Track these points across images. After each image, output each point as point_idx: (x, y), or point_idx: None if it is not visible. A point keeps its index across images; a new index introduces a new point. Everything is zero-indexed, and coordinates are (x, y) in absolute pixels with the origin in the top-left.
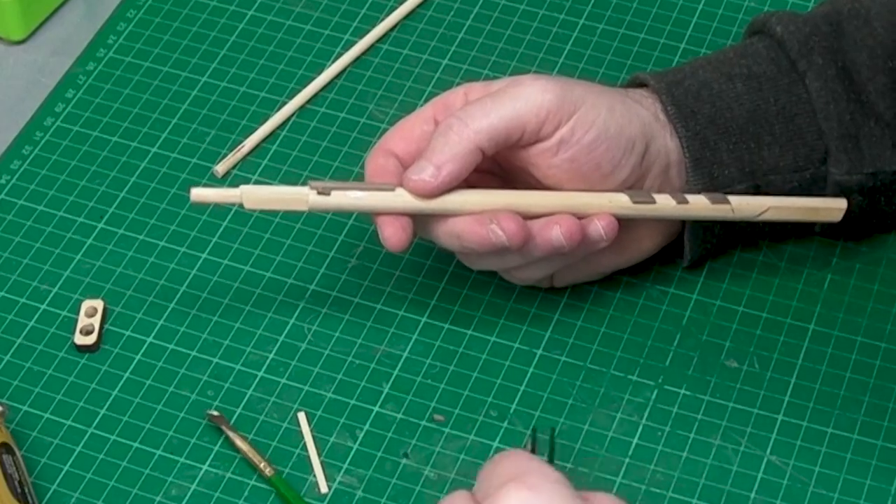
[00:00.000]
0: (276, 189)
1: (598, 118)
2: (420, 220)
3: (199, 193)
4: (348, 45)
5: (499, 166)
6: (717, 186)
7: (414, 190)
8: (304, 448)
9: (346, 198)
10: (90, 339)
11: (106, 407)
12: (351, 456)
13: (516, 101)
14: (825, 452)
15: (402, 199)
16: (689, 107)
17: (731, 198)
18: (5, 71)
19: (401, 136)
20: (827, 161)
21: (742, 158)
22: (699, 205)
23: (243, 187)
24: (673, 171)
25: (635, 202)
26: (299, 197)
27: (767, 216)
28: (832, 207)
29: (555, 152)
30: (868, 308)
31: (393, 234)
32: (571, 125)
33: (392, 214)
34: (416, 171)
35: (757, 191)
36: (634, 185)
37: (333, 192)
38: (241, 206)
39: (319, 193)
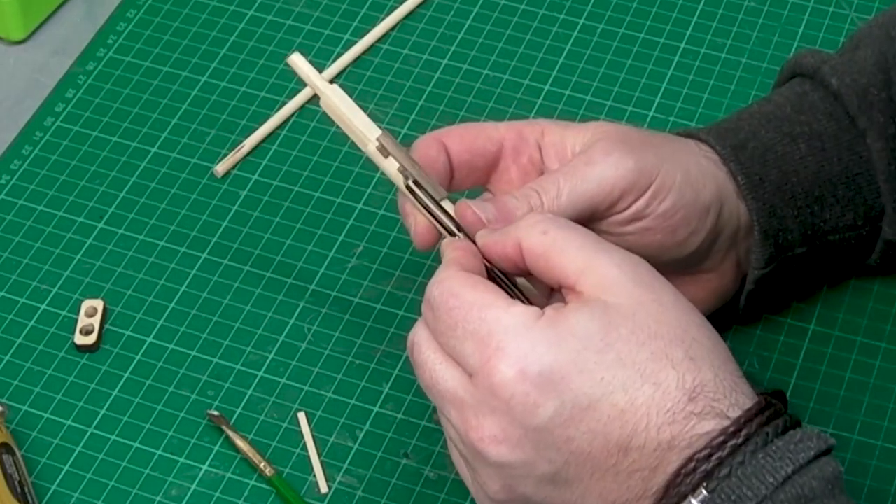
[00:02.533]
0: (353, 112)
1: (674, 185)
2: None
3: (296, 60)
4: (348, 45)
5: None
6: (779, 252)
7: (462, 217)
8: (304, 448)
9: (395, 172)
10: (90, 339)
11: (106, 407)
12: (351, 456)
13: (588, 184)
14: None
15: (444, 215)
16: (756, 174)
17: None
18: (5, 71)
19: (461, 138)
20: (882, 220)
21: (805, 222)
22: None
23: (334, 87)
24: (740, 235)
25: None
26: (363, 138)
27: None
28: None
29: (627, 223)
30: (868, 308)
31: (424, 233)
32: (647, 197)
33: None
34: (480, 208)
35: (813, 251)
36: (706, 249)
37: (389, 158)
38: (316, 98)
39: (378, 149)
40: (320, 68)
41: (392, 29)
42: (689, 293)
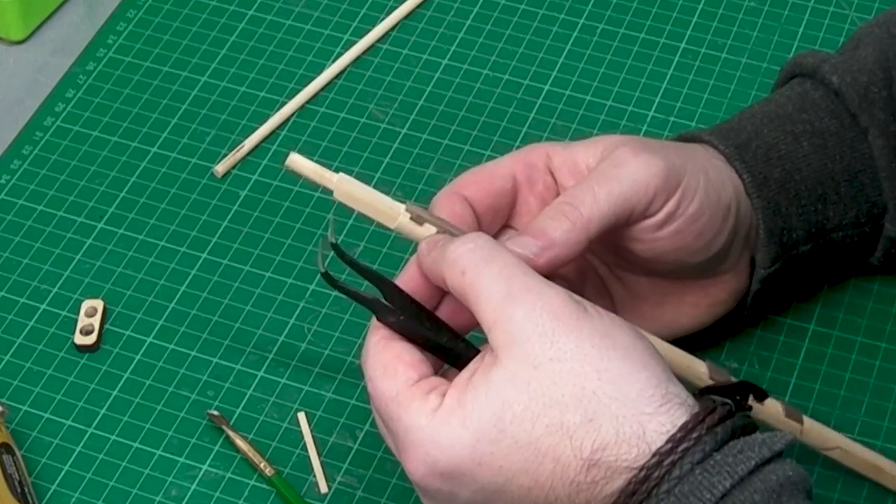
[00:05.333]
0: (370, 193)
1: (699, 186)
2: None
3: (295, 161)
4: (348, 45)
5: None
6: (784, 251)
7: None
8: (304, 448)
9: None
10: (90, 339)
11: (106, 407)
12: (351, 456)
13: (623, 185)
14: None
15: None
16: (761, 172)
17: (806, 420)
18: (5, 71)
19: (477, 185)
20: (885, 217)
21: (809, 220)
22: (771, 411)
23: (341, 176)
24: (752, 234)
25: (711, 378)
26: (390, 213)
27: (833, 455)
28: None
29: (659, 227)
30: (868, 308)
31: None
32: (677, 198)
33: None
34: (520, 245)
35: (818, 249)
36: (726, 250)
37: (426, 224)
38: (329, 192)
39: (412, 219)
40: (320, 68)
41: (392, 29)
42: (712, 295)
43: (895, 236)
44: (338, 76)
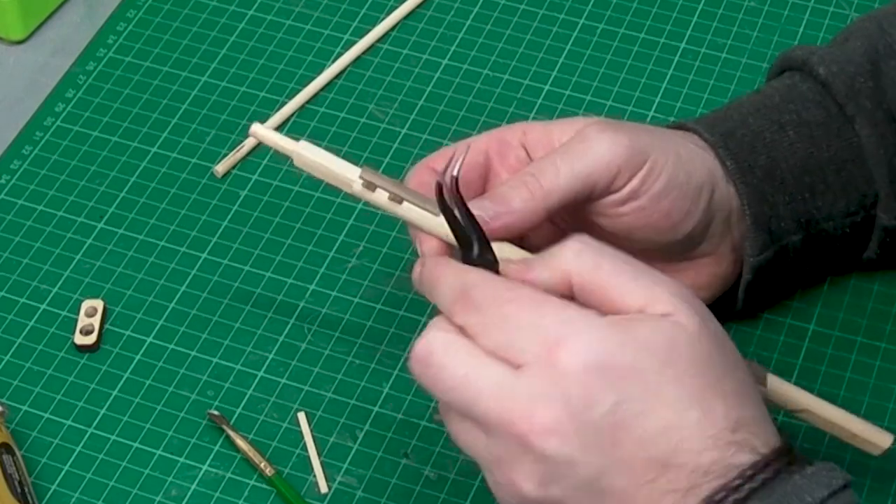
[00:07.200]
0: (328, 159)
1: (667, 165)
2: None
3: (258, 130)
4: (348, 45)
5: (559, 214)
6: (773, 240)
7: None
8: (304, 448)
9: (386, 201)
10: (90, 339)
11: (106, 407)
12: (351, 456)
13: (586, 160)
14: (825, 453)
15: (443, 227)
16: (745, 160)
17: (770, 378)
18: (5, 71)
19: (448, 159)
20: (876, 206)
21: (797, 209)
22: None
23: (302, 143)
24: (733, 219)
25: None
26: (346, 179)
27: (801, 416)
28: (873, 442)
29: (623, 203)
30: (868, 308)
31: (431, 250)
32: (642, 176)
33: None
34: (477, 207)
35: (810, 241)
36: (700, 233)
37: (378, 190)
38: (290, 160)
39: (365, 186)
40: (320, 68)
41: (392, 29)
42: (689, 279)
43: (888, 224)
44: (338, 76)
